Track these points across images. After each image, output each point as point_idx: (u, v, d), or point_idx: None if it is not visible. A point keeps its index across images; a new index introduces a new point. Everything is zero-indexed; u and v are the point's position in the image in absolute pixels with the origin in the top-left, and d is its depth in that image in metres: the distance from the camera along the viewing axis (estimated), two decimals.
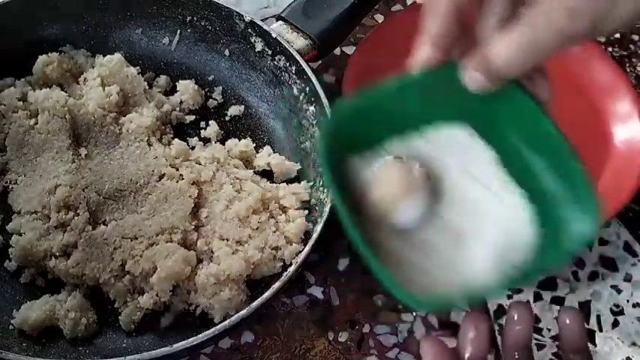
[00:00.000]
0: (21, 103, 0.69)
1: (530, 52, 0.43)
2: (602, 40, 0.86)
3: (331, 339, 0.65)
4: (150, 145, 0.69)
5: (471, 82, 0.45)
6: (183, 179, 0.66)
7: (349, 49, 0.81)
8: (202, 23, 0.75)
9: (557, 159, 0.46)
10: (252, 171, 0.69)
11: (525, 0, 0.44)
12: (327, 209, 0.63)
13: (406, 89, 0.48)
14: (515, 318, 0.49)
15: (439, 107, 0.49)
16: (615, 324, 0.68)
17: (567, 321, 0.49)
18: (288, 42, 0.71)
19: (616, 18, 0.42)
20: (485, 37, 0.46)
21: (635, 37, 0.86)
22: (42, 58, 0.71)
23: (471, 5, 0.46)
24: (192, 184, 0.66)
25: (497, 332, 0.67)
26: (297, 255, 0.63)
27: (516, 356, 0.49)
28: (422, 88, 0.48)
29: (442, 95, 0.48)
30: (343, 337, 0.65)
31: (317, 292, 0.67)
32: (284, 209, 0.66)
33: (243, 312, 0.58)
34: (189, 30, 0.76)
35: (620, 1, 0.41)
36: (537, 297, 0.69)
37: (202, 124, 0.73)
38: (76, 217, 0.63)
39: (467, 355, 0.47)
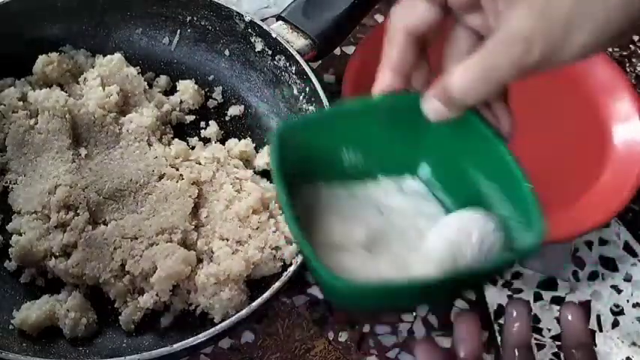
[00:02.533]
0: (21, 103, 0.69)
1: (485, 80, 0.43)
2: None
3: (331, 339, 0.65)
4: (150, 145, 0.69)
5: (430, 111, 0.46)
6: (183, 179, 0.66)
7: (349, 49, 0.81)
8: (202, 23, 0.75)
9: (509, 185, 0.46)
10: (252, 171, 0.69)
11: (489, 34, 0.45)
12: None
13: (365, 110, 0.49)
14: (514, 315, 0.49)
15: (395, 134, 0.49)
16: (615, 324, 0.68)
17: (569, 317, 0.49)
18: (288, 42, 0.71)
19: (571, 48, 0.42)
20: (448, 68, 0.47)
21: (635, 38, 0.86)
22: (42, 58, 0.71)
23: (429, 34, 0.48)
24: (192, 184, 0.66)
25: (497, 332, 0.67)
26: (297, 255, 0.63)
27: (516, 354, 0.49)
28: (380, 112, 0.49)
29: (400, 123, 0.49)
30: (343, 337, 0.65)
31: (317, 292, 0.67)
32: None
33: (243, 312, 0.58)
34: (189, 30, 0.76)
35: (574, 31, 0.42)
36: (537, 297, 0.69)
37: (202, 124, 0.73)
38: (76, 217, 0.63)
39: (462, 355, 0.47)
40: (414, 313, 0.67)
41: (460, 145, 0.48)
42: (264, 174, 0.70)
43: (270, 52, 0.73)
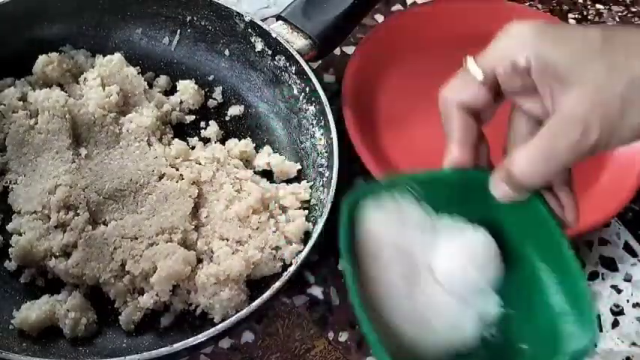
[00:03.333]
0: (21, 103, 0.69)
1: (544, 163, 0.45)
2: None
3: (331, 339, 0.65)
4: (150, 145, 0.69)
5: (496, 191, 0.47)
6: (183, 179, 0.66)
7: (349, 49, 0.81)
8: (202, 23, 0.75)
9: (566, 276, 0.47)
10: (252, 171, 0.69)
11: (547, 117, 0.46)
12: (327, 209, 0.63)
13: (434, 182, 0.50)
14: None
15: (462, 207, 0.50)
16: (615, 324, 0.68)
17: None
18: (288, 42, 0.71)
19: (628, 129, 0.43)
20: (510, 151, 0.48)
21: None
22: (42, 58, 0.71)
23: (482, 113, 0.49)
24: (192, 184, 0.66)
25: None
26: (297, 255, 0.63)
27: None
28: (448, 186, 0.50)
29: (467, 197, 0.50)
30: (343, 337, 0.65)
31: (317, 292, 0.67)
32: (284, 209, 0.66)
33: (243, 312, 0.58)
34: (189, 30, 0.76)
35: (629, 113, 0.43)
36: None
37: (202, 124, 0.73)
38: (76, 217, 0.63)
39: None
40: None
41: (523, 227, 0.49)
42: (264, 174, 0.70)
43: (270, 52, 0.73)
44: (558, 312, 0.47)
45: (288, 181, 0.69)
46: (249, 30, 0.73)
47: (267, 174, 0.70)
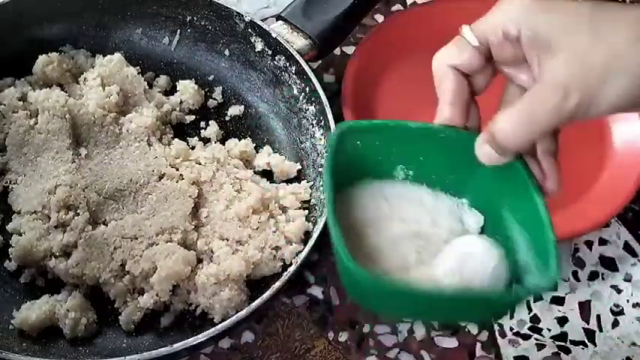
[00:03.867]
0: (21, 103, 0.69)
1: (525, 126, 0.46)
2: None
3: (331, 339, 0.65)
4: (150, 145, 0.69)
5: (481, 154, 0.49)
6: (183, 179, 0.66)
7: (349, 49, 0.81)
8: (202, 23, 0.75)
9: (536, 233, 0.49)
10: (252, 171, 0.69)
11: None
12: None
13: (424, 135, 0.51)
14: None
15: (447, 163, 0.52)
16: (615, 324, 0.68)
17: None
18: (288, 42, 0.71)
19: (606, 98, 0.44)
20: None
21: None
22: (42, 58, 0.71)
23: (475, 79, 0.51)
24: (192, 184, 0.66)
25: (497, 332, 0.67)
26: (297, 255, 0.63)
27: None
28: (437, 141, 0.51)
29: (453, 154, 0.51)
30: (343, 337, 0.65)
31: (317, 292, 0.67)
32: (284, 209, 0.66)
33: (243, 312, 0.58)
34: (189, 30, 0.76)
35: (609, 82, 0.44)
36: (537, 297, 0.69)
37: (202, 124, 0.73)
38: (76, 217, 0.63)
39: None
40: None
41: (502, 189, 0.51)
42: (264, 174, 0.70)
43: (270, 52, 0.73)
44: (523, 267, 0.49)
45: (288, 181, 0.69)
46: (249, 30, 0.73)
47: (267, 174, 0.70)
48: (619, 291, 0.70)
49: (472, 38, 0.50)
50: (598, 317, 0.68)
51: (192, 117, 0.74)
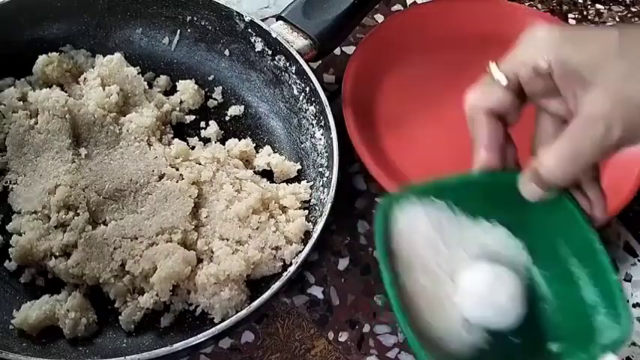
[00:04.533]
0: (21, 103, 0.69)
1: (570, 161, 0.46)
2: None
3: (331, 339, 0.65)
4: (150, 145, 0.69)
5: (526, 190, 0.49)
6: (183, 179, 0.66)
7: (349, 49, 0.81)
8: (202, 23, 0.75)
9: (597, 271, 0.49)
10: (252, 171, 0.69)
11: (571, 118, 0.47)
12: (327, 209, 0.63)
13: (464, 185, 0.52)
14: None
15: (493, 209, 0.52)
16: None
17: None
18: (288, 42, 0.71)
19: None
20: (537, 152, 0.50)
21: None
22: (42, 58, 0.71)
23: (507, 116, 0.51)
24: (192, 184, 0.66)
25: None
26: (297, 255, 0.63)
27: None
28: (478, 189, 0.51)
29: (497, 200, 0.51)
30: (343, 337, 0.65)
31: (317, 292, 0.67)
32: (284, 209, 0.66)
33: (243, 312, 0.58)
34: (189, 30, 0.76)
35: None
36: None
37: (202, 124, 0.73)
38: (76, 217, 0.63)
39: None
40: None
41: (553, 225, 0.51)
42: (264, 174, 0.70)
43: (270, 52, 0.73)
44: (591, 305, 0.49)
45: (288, 181, 0.69)
46: (249, 30, 0.73)
47: (267, 174, 0.70)
48: None
49: (501, 77, 0.49)
50: None
51: (192, 117, 0.74)
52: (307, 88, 0.70)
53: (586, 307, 0.49)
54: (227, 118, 0.74)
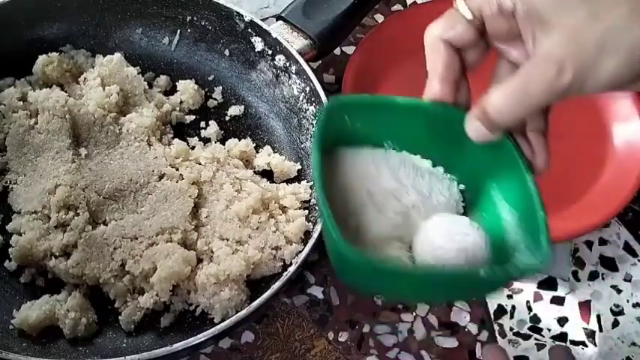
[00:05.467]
0: (21, 103, 0.69)
1: (519, 101, 0.46)
2: None
3: (331, 339, 0.65)
4: (150, 145, 0.69)
5: (471, 130, 0.48)
6: (183, 179, 0.66)
7: (349, 49, 0.81)
8: (202, 23, 0.75)
9: (526, 211, 0.48)
10: (252, 171, 0.69)
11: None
12: None
13: (412, 111, 0.51)
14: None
15: (435, 139, 0.51)
16: (615, 324, 0.68)
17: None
18: (288, 42, 0.71)
19: (600, 75, 0.44)
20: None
21: None
22: (42, 58, 0.71)
23: (468, 54, 0.50)
24: (192, 184, 0.66)
25: (497, 332, 0.67)
26: (297, 255, 0.63)
27: None
28: (425, 117, 0.50)
29: (442, 130, 0.50)
30: (343, 337, 0.65)
31: (317, 292, 0.67)
32: (284, 209, 0.66)
33: (243, 312, 0.58)
34: (189, 30, 0.76)
35: (603, 58, 0.44)
36: (537, 297, 0.69)
37: (202, 124, 0.73)
38: (76, 217, 0.63)
39: None
40: (414, 313, 0.67)
41: (491, 167, 0.50)
42: (264, 174, 0.70)
43: (270, 52, 0.73)
44: (515, 247, 0.48)
45: (288, 181, 0.69)
46: (249, 30, 0.73)
47: (267, 174, 0.70)
48: (619, 291, 0.70)
49: (466, 11, 0.49)
50: (598, 317, 0.68)
51: (192, 117, 0.74)
52: (307, 88, 0.70)
53: (510, 248, 0.49)
54: (227, 118, 0.74)
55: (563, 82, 0.44)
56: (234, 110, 0.74)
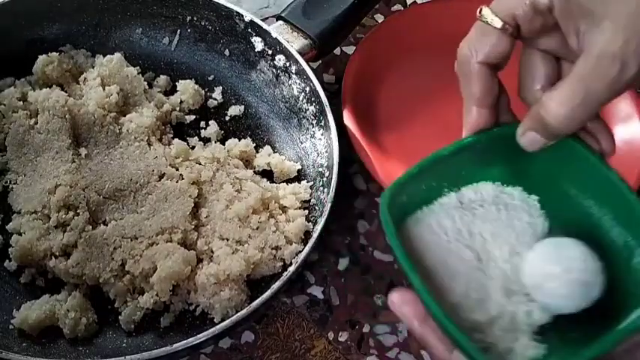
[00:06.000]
0: (21, 103, 0.69)
1: (583, 106, 0.42)
2: None
3: (331, 339, 0.65)
4: (150, 145, 0.69)
5: (527, 142, 0.45)
6: (183, 179, 0.66)
7: (349, 49, 0.81)
8: (202, 23, 0.75)
9: (621, 208, 0.46)
10: (252, 171, 0.69)
11: (569, 55, 0.44)
12: (327, 209, 0.63)
13: (459, 153, 0.48)
14: None
15: (493, 168, 0.49)
16: None
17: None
18: (288, 42, 0.71)
19: None
20: (534, 97, 0.46)
21: None
22: (42, 58, 0.71)
23: (503, 61, 0.46)
24: (192, 184, 0.66)
25: None
26: (297, 255, 0.63)
27: None
28: (475, 151, 0.48)
29: (496, 156, 0.48)
30: (343, 337, 0.65)
31: (317, 292, 0.67)
32: (284, 209, 0.66)
33: (243, 312, 0.58)
34: (189, 30, 0.76)
35: None
36: None
37: (202, 124, 0.73)
38: (76, 217, 0.63)
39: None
40: None
41: (561, 169, 0.48)
42: (264, 174, 0.70)
43: (270, 52, 0.73)
44: (620, 244, 0.46)
45: (288, 181, 0.69)
46: (249, 30, 0.73)
47: (267, 174, 0.70)
48: None
49: (494, 19, 0.45)
50: None
51: (192, 117, 0.74)
52: (307, 88, 0.70)
53: (616, 247, 0.46)
54: (227, 118, 0.74)
55: (627, 76, 0.41)
56: (234, 110, 0.74)
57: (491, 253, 0.48)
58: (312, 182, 0.68)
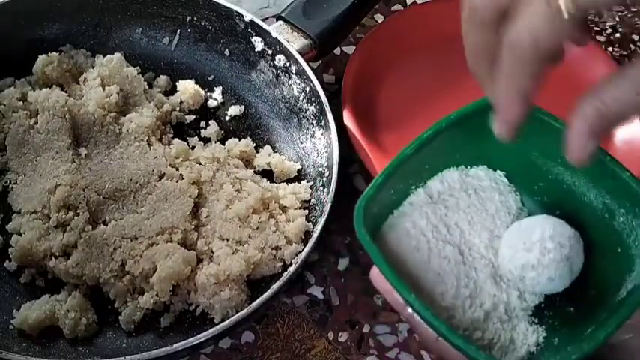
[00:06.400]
0: (21, 103, 0.69)
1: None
2: (602, 40, 0.85)
3: (331, 339, 0.65)
4: (150, 145, 0.69)
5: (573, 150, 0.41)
6: (183, 179, 0.66)
7: (349, 49, 0.81)
8: (202, 23, 0.75)
9: (595, 169, 0.46)
10: (252, 171, 0.69)
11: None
12: (327, 209, 0.63)
13: (421, 149, 0.50)
14: None
15: (456, 153, 0.50)
16: None
17: None
18: (288, 42, 0.71)
19: None
20: None
21: (635, 37, 0.86)
22: (42, 58, 0.71)
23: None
24: (192, 184, 0.66)
25: None
26: (297, 255, 0.63)
27: None
28: (437, 141, 0.49)
29: (457, 140, 0.50)
30: (343, 337, 0.65)
31: (317, 292, 0.67)
32: (284, 209, 0.66)
33: (243, 312, 0.58)
34: (189, 30, 0.76)
35: None
36: None
37: (202, 124, 0.73)
38: (76, 217, 0.63)
39: None
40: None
41: (526, 141, 0.46)
42: (264, 174, 0.70)
43: (270, 52, 0.73)
44: (598, 206, 0.46)
45: (288, 181, 0.69)
46: (249, 30, 0.73)
47: (267, 174, 0.70)
48: None
49: (569, 5, 0.37)
50: None
51: (192, 117, 0.74)
52: (307, 88, 0.70)
53: (600, 211, 0.46)
54: (227, 118, 0.74)
55: None
56: (234, 110, 0.74)
57: (471, 243, 0.49)
58: (312, 182, 0.68)
